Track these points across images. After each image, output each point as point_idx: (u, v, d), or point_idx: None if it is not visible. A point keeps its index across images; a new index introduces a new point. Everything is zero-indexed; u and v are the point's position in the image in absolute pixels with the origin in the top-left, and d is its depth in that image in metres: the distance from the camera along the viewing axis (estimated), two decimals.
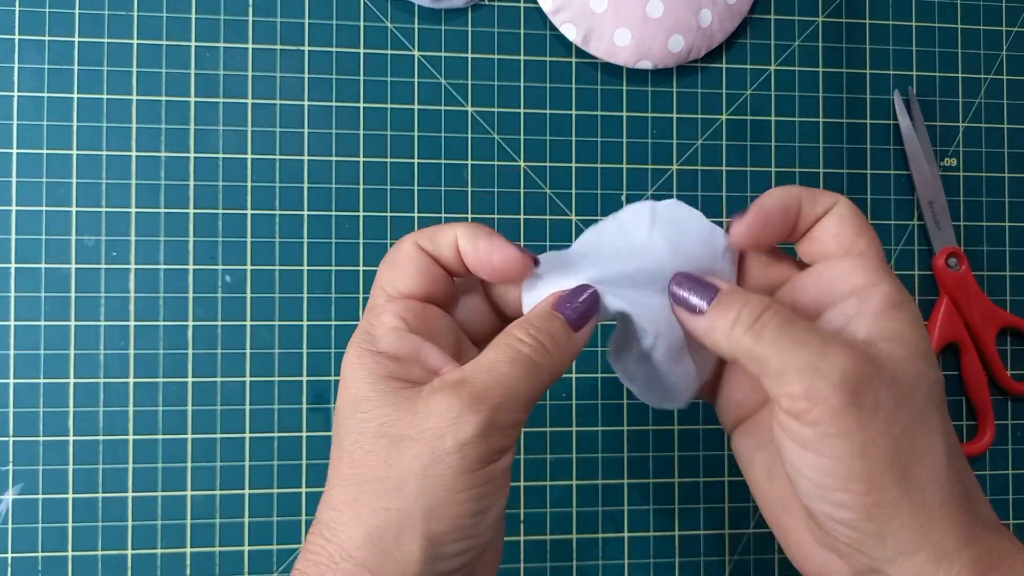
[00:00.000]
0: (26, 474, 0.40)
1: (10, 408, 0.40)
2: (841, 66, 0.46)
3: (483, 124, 0.44)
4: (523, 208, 0.44)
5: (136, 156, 0.41)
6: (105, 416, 0.41)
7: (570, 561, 0.43)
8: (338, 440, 0.27)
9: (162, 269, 0.41)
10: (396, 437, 0.25)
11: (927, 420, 0.26)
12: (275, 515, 0.41)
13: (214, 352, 0.41)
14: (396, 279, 0.28)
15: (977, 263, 0.46)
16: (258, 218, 0.42)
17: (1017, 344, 0.47)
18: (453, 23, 0.44)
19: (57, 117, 0.41)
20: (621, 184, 0.44)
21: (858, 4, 0.46)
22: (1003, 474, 0.46)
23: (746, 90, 0.45)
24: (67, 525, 0.40)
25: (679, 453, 0.44)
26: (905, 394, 0.25)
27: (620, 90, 0.45)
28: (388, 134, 0.43)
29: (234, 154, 0.42)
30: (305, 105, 0.43)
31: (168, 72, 0.42)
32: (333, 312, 0.42)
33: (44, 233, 0.41)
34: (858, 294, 0.27)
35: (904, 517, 0.25)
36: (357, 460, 0.25)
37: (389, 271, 0.28)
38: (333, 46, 0.43)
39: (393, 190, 0.43)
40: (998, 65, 0.47)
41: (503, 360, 0.26)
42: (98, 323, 0.41)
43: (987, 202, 0.47)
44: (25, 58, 0.41)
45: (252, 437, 0.41)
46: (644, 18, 0.43)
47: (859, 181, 0.46)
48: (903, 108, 0.46)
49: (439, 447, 0.25)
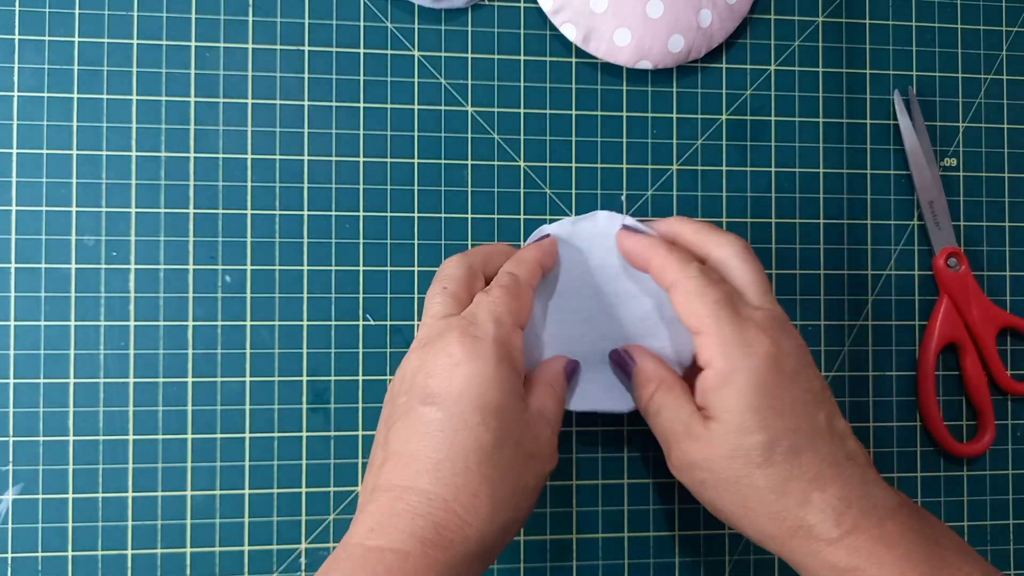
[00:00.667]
0: (26, 474, 0.40)
1: (10, 408, 0.40)
2: (841, 66, 0.46)
3: (483, 124, 0.44)
4: (523, 208, 0.44)
5: (136, 156, 0.41)
6: (105, 416, 0.41)
7: (570, 561, 0.43)
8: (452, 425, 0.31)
9: (162, 269, 0.41)
10: (524, 451, 0.33)
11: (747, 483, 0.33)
12: (275, 515, 0.41)
13: (214, 352, 0.41)
14: (520, 310, 0.35)
15: (977, 263, 0.46)
16: (258, 218, 0.42)
17: (1017, 344, 0.47)
18: (453, 23, 0.44)
19: (57, 117, 0.41)
20: (621, 184, 0.44)
21: (858, 4, 0.46)
22: (1003, 474, 0.46)
23: (746, 90, 0.45)
24: (67, 525, 0.40)
25: None
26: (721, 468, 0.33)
27: (620, 90, 0.45)
28: (388, 134, 0.43)
29: (234, 154, 0.42)
30: (305, 105, 0.43)
31: (168, 72, 0.42)
32: (333, 312, 0.42)
33: (44, 233, 0.41)
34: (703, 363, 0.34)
35: None
36: (496, 461, 0.32)
37: (515, 302, 0.35)
38: (333, 46, 0.43)
39: (393, 190, 0.43)
40: (998, 65, 0.47)
41: (557, 409, 0.36)
42: (98, 323, 0.41)
43: (987, 202, 0.47)
44: (25, 58, 0.41)
45: (252, 437, 0.41)
46: (644, 18, 0.43)
47: (859, 181, 0.46)
48: (903, 108, 0.46)
49: (538, 473, 0.34)
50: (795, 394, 0.33)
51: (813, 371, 0.34)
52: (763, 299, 0.35)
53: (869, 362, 0.45)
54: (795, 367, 0.33)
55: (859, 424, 0.45)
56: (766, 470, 0.32)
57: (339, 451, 0.42)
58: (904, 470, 0.45)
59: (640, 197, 0.44)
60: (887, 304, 0.46)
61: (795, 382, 0.33)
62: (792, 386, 0.33)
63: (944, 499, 0.46)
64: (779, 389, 0.33)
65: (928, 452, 0.46)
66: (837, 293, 0.45)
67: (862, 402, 0.45)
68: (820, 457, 0.32)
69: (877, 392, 0.45)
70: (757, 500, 0.33)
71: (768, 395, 0.32)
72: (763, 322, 0.34)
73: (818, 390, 0.34)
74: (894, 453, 0.45)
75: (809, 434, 0.33)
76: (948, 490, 0.46)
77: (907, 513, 0.33)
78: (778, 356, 0.33)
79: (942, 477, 0.46)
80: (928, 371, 0.45)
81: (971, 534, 0.46)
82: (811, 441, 0.32)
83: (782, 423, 0.32)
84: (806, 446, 0.32)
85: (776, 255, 0.45)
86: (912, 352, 0.46)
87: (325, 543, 0.41)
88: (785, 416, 0.32)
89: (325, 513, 0.42)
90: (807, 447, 0.32)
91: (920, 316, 0.46)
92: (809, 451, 0.32)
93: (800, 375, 0.33)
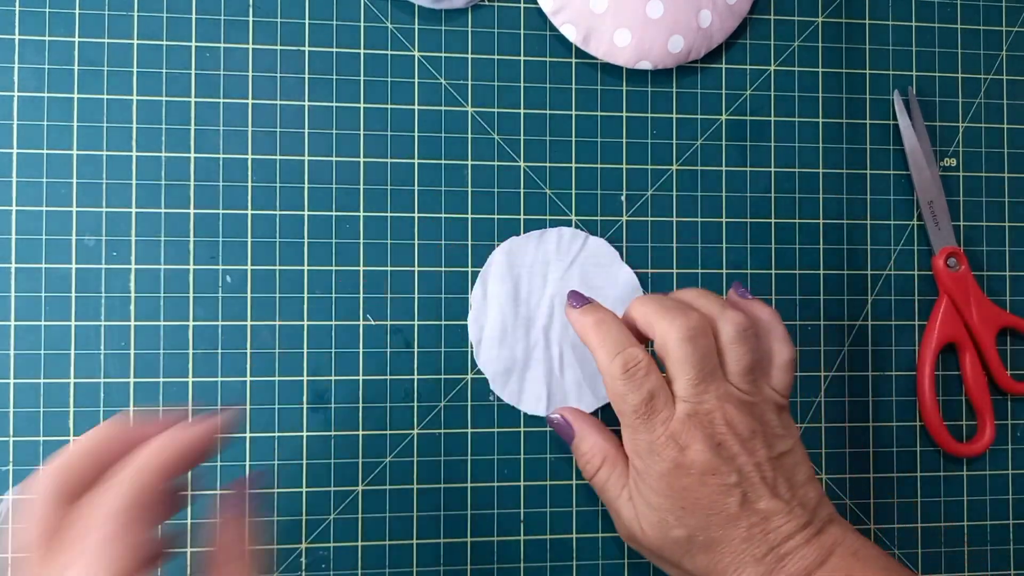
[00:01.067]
0: (26, 474, 0.40)
1: (10, 408, 0.40)
2: (841, 66, 0.46)
3: (483, 124, 0.44)
4: (523, 208, 0.44)
5: (136, 156, 0.42)
6: (106, 416, 0.41)
7: (570, 561, 0.43)
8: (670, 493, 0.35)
9: (163, 269, 0.41)
10: None
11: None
12: (275, 515, 0.41)
13: (215, 352, 0.41)
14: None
15: (977, 263, 0.46)
16: (258, 218, 0.42)
17: (1017, 344, 0.47)
18: (453, 23, 0.44)
19: (57, 117, 0.41)
20: (621, 184, 0.44)
21: (858, 4, 0.46)
22: (1003, 474, 0.46)
23: (746, 90, 0.45)
24: None
25: None
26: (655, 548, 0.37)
27: (620, 90, 0.45)
28: (388, 134, 0.43)
29: (234, 154, 0.42)
30: (305, 105, 0.43)
31: (168, 72, 0.42)
32: (333, 312, 0.42)
33: (44, 233, 0.41)
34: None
35: None
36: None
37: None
38: (333, 46, 0.43)
39: (393, 190, 0.43)
40: (998, 65, 0.47)
41: None
42: (98, 323, 0.41)
43: (987, 202, 0.47)
44: (25, 58, 0.41)
45: (252, 437, 0.41)
46: (644, 18, 0.43)
47: (858, 181, 0.46)
48: (903, 108, 0.46)
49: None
50: (707, 491, 0.35)
51: (727, 465, 0.35)
52: (690, 391, 0.36)
53: (869, 362, 0.46)
54: (703, 468, 0.35)
55: (859, 424, 0.45)
56: (693, 558, 0.36)
57: (339, 451, 0.42)
58: (904, 470, 0.45)
59: (640, 197, 0.44)
60: (887, 304, 0.46)
61: (704, 483, 0.35)
62: (702, 486, 0.35)
63: (944, 499, 0.46)
64: (688, 491, 0.35)
65: (928, 452, 0.46)
66: (837, 293, 0.45)
67: (862, 402, 0.45)
68: (734, 546, 0.35)
69: (877, 392, 0.45)
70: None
71: (679, 496, 0.35)
72: (675, 427, 0.35)
73: (734, 481, 0.35)
74: (894, 453, 0.45)
75: (722, 523, 0.35)
76: (948, 490, 0.46)
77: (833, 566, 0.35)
78: (683, 463, 0.35)
79: (942, 477, 0.46)
80: (928, 371, 0.45)
81: (971, 534, 0.46)
82: (725, 531, 0.35)
83: (695, 520, 0.35)
84: (720, 537, 0.35)
85: (776, 255, 0.45)
86: (912, 352, 0.46)
87: (325, 543, 0.42)
88: (697, 513, 0.35)
89: (325, 513, 0.42)
90: (721, 538, 0.35)
91: (920, 316, 0.46)
92: (723, 542, 0.35)
93: (710, 474, 0.35)
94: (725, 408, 0.35)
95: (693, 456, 0.35)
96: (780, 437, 0.36)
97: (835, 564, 0.35)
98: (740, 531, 0.35)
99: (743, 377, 0.36)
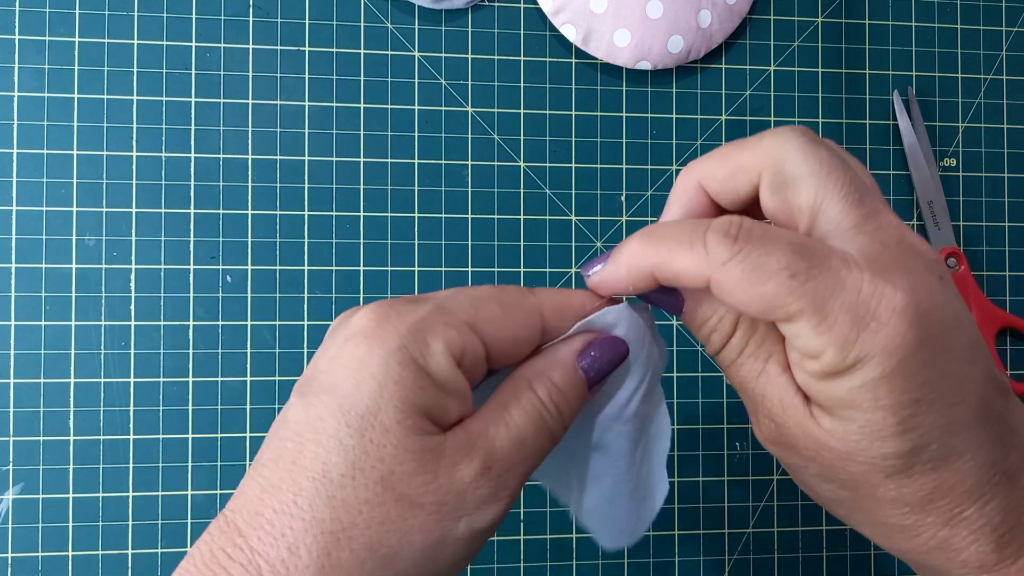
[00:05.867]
0: (26, 474, 0.40)
1: (10, 408, 0.40)
2: (840, 66, 0.46)
3: (483, 124, 0.44)
4: (523, 208, 0.44)
5: (137, 156, 0.42)
6: (105, 416, 0.41)
7: (570, 561, 0.43)
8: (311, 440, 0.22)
9: (163, 269, 0.41)
10: (404, 497, 0.22)
11: None
12: None
13: (215, 352, 0.41)
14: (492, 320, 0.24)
15: (977, 263, 0.46)
16: (259, 218, 0.42)
17: (1017, 344, 0.47)
18: (453, 24, 0.44)
19: (57, 117, 0.41)
20: (621, 184, 0.44)
21: (858, 4, 0.46)
22: None
23: (745, 91, 0.45)
24: (67, 525, 0.40)
25: (679, 452, 0.44)
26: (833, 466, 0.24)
27: (620, 90, 0.45)
28: (388, 134, 0.43)
29: (235, 154, 0.42)
30: (306, 106, 0.43)
31: (168, 72, 0.42)
32: (333, 312, 0.42)
33: (45, 233, 0.41)
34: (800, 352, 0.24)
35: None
36: (341, 499, 0.21)
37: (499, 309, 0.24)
38: (333, 47, 0.43)
39: (393, 190, 0.43)
40: (998, 65, 0.47)
41: (529, 432, 0.23)
42: (99, 323, 0.41)
43: (986, 202, 0.47)
44: (25, 58, 0.41)
45: (253, 437, 0.41)
46: (644, 19, 0.43)
47: None
48: (902, 108, 0.46)
49: (451, 531, 0.22)
50: (949, 368, 0.21)
51: (965, 314, 0.22)
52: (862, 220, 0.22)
53: None
54: (946, 322, 0.21)
55: None
56: (901, 481, 0.22)
57: None
58: None
59: (640, 197, 0.44)
60: None
61: (949, 349, 0.21)
62: (945, 356, 0.21)
63: None
64: (927, 369, 0.21)
65: None
66: None
67: None
68: (980, 461, 0.22)
69: None
70: (882, 511, 0.23)
71: (912, 382, 0.21)
72: (880, 265, 0.21)
73: (976, 341, 0.22)
74: None
75: (968, 426, 0.22)
76: None
77: None
78: (918, 316, 0.21)
79: None
80: None
81: None
82: (970, 438, 0.22)
83: (931, 419, 0.21)
84: (963, 447, 0.22)
85: None
86: None
87: None
88: (935, 409, 0.21)
89: None
90: (965, 448, 0.22)
91: None
92: (967, 454, 0.22)
93: (953, 332, 0.21)
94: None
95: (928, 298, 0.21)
96: None
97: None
98: (988, 440, 0.22)
99: None
